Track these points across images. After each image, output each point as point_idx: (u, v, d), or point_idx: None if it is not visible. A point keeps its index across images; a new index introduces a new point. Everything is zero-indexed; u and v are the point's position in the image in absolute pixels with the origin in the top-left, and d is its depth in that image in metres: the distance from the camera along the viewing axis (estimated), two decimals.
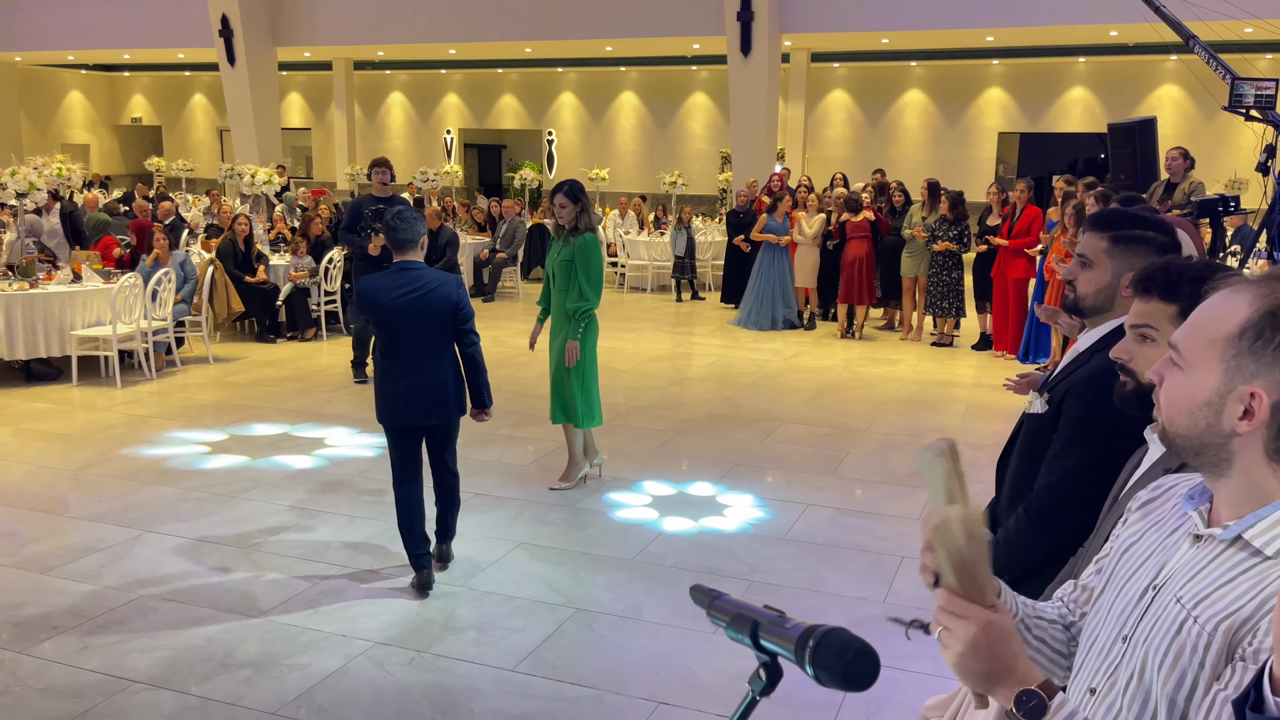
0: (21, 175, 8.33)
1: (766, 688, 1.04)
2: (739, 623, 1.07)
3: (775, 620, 1.04)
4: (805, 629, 1.00)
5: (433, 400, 4.25)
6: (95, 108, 27.56)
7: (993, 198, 9.98)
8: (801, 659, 0.97)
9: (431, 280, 4.24)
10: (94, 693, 3.49)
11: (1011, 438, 2.38)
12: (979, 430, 7.13)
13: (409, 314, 4.16)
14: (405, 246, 4.24)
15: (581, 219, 5.40)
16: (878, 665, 0.96)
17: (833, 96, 21.45)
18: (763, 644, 1.04)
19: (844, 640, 0.96)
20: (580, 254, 5.36)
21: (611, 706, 3.45)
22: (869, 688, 0.94)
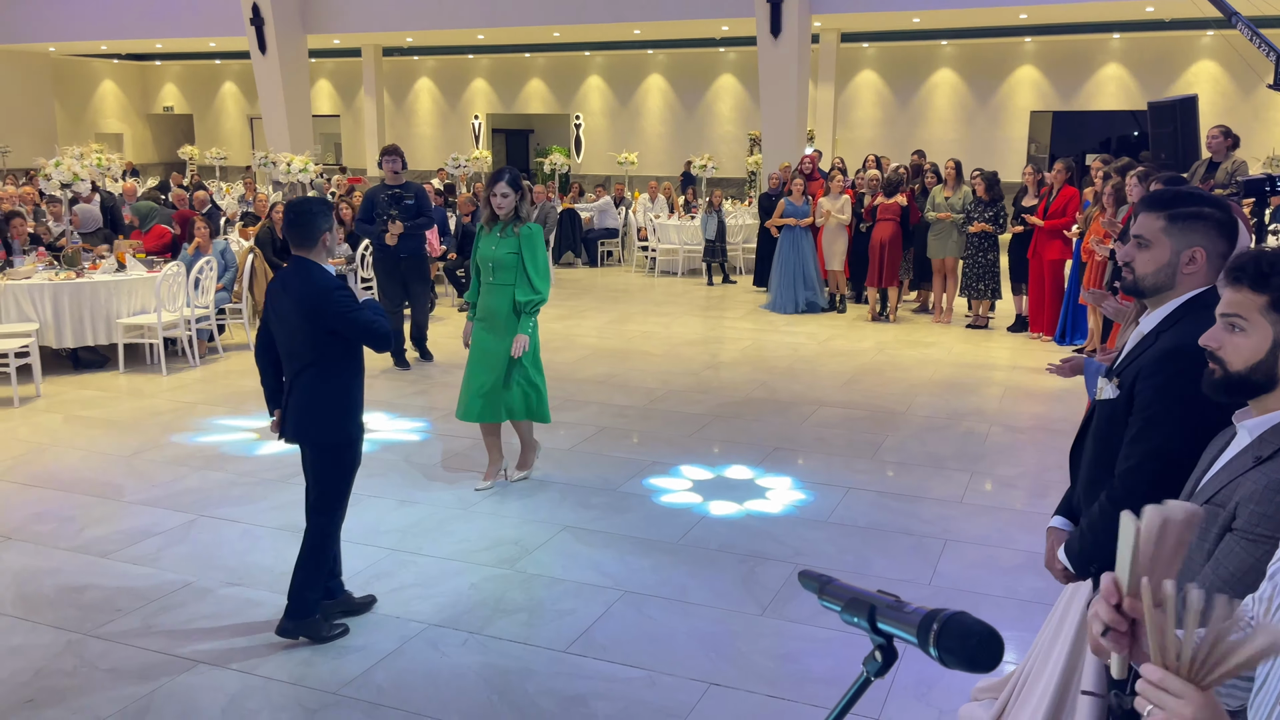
0: (65, 166, 8.46)
1: (882, 669, 1.08)
2: (855, 606, 1.11)
3: (893, 604, 1.08)
4: (927, 613, 1.03)
5: (297, 418, 3.78)
6: (128, 97, 27.84)
7: (1028, 178, 9.90)
8: (925, 642, 1.01)
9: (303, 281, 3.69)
10: (159, 673, 3.59)
11: (1083, 426, 2.39)
12: (1018, 412, 7.12)
13: (277, 317, 3.77)
14: (300, 243, 3.73)
15: (522, 208, 5.20)
16: (1002, 647, 0.99)
17: (862, 77, 21.29)
18: (880, 627, 1.08)
19: (969, 624, 1.00)
20: (527, 245, 5.16)
21: (664, 687, 3.51)
22: (994, 669, 0.98)
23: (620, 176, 19.22)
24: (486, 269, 5.22)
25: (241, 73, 26.82)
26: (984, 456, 6.13)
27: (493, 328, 5.24)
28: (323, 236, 3.73)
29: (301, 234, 3.71)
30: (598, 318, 10.78)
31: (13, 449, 6.15)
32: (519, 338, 5.20)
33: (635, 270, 14.72)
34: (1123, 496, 2.07)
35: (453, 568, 4.48)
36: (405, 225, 7.90)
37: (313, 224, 3.70)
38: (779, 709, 3.38)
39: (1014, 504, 5.35)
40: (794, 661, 3.68)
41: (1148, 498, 1.40)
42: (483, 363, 5.26)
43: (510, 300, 5.19)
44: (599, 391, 7.59)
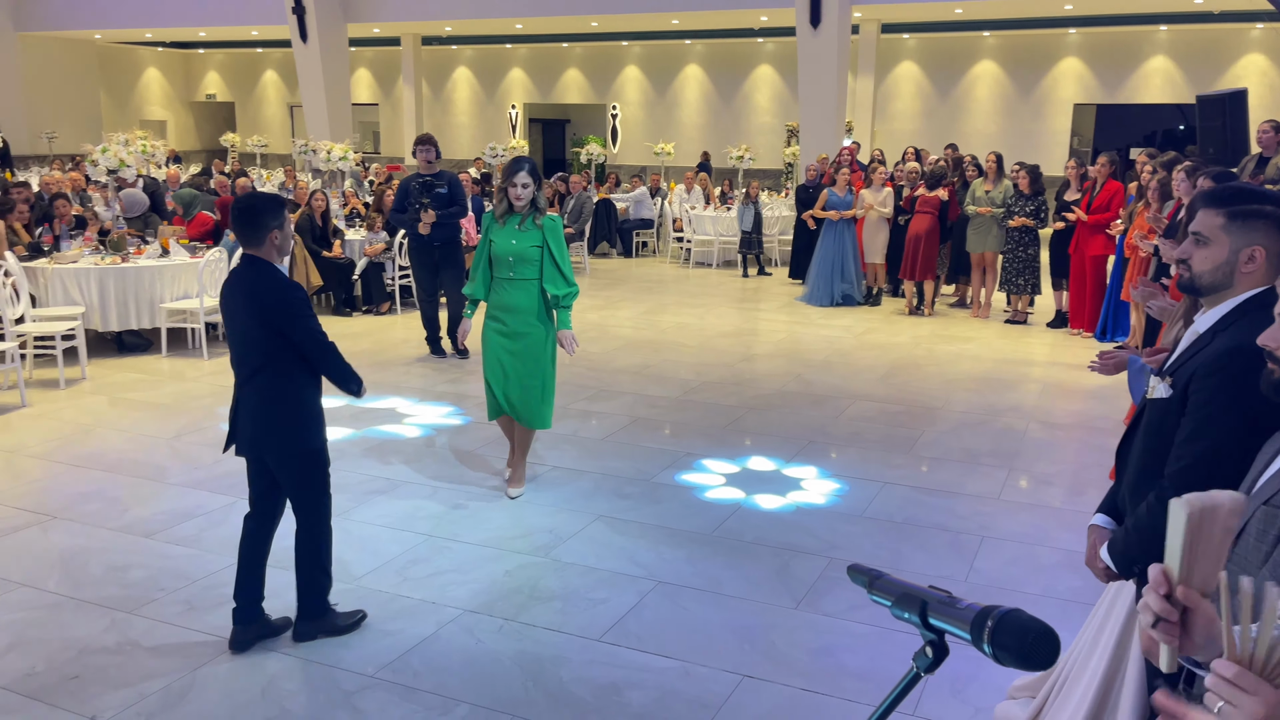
0: (112, 152, 8.59)
1: (932, 665, 1.08)
2: (906, 601, 1.10)
3: (945, 600, 1.07)
4: (981, 610, 1.03)
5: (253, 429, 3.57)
6: (171, 85, 28.22)
7: (1071, 172, 9.76)
8: (979, 639, 1.01)
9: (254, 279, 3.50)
10: (201, 652, 3.65)
11: (1131, 425, 2.35)
12: (1056, 409, 7.03)
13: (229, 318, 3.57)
14: (247, 240, 3.50)
15: (539, 198, 4.97)
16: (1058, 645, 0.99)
17: (902, 68, 21.08)
18: (932, 623, 1.07)
19: (1024, 621, 0.99)
20: (552, 237, 4.93)
21: (697, 678, 3.51)
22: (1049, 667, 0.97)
23: (656, 167, 19.21)
24: (505, 264, 4.93)
25: (283, 61, 27.08)
26: (1021, 453, 6.07)
27: (513, 325, 4.97)
28: (270, 234, 3.47)
29: (248, 231, 3.47)
30: (632, 308, 10.78)
31: (59, 430, 6.27)
32: (565, 334, 5.02)
33: (670, 261, 14.70)
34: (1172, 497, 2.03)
35: (487, 554, 4.51)
36: (438, 214, 7.93)
37: (259, 221, 3.45)
38: (813, 703, 3.38)
39: (1052, 501, 5.29)
40: (829, 655, 3.67)
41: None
42: (502, 361, 4.99)
43: (535, 295, 4.96)
44: (633, 382, 7.60)
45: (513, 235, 4.92)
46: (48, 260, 8.11)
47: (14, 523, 4.80)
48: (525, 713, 3.29)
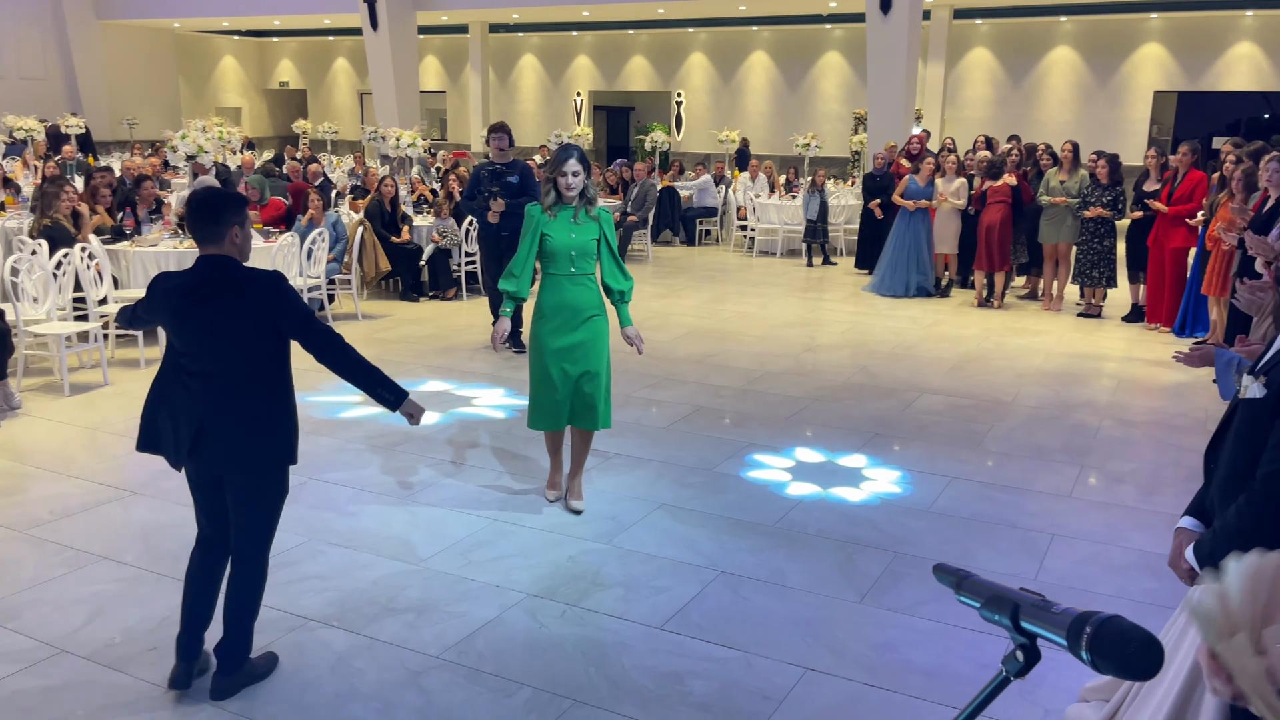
0: (191, 139, 8.81)
1: (1023, 669, 1.05)
2: (997, 604, 1.07)
3: (1040, 604, 1.04)
4: (1078, 615, 0.99)
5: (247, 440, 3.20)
6: (246, 72, 28.83)
7: (1151, 162, 9.47)
8: (1076, 646, 0.98)
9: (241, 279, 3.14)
10: (274, 628, 3.74)
11: (1222, 424, 2.27)
12: (1131, 406, 6.84)
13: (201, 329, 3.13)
14: (206, 239, 3.15)
15: (590, 188, 4.63)
16: (1161, 655, 0.95)
17: (974, 54, 20.64)
18: (1024, 626, 1.04)
19: (1125, 629, 0.95)
20: (609, 229, 4.66)
21: (759, 669, 3.50)
22: (1151, 677, 0.94)
23: (721, 154, 19.07)
24: (565, 259, 4.56)
25: (353, 49, 27.49)
26: (1094, 450, 5.92)
27: (573, 324, 4.61)
28: (231, 232, 3.14)
29: (207, 229, 3.13)
30: (694, 297, 10.75)
31: (139, 408, 6.44)
32: (632, 331, 4.75)
33: (733, 250, 14.62)
34: (1263, 501, 1.96)
35: (550, 539, 4.54)
36: (507, 203, 7.96)
37: (219, 217, 3.12)
38: (877, 698, 3.34)
39: (1126, 500, 5.15)
40: (893, 651, 3.62)
41: None
42: (565, 365, 4.62)
43: (594, 292, 4.66)
44: (695, 371, 7.58)
45: (570, 229, 4.57)
46: (129, 243, 8.35)
47: (97, 497, 4.96)
48: (587, 698, 3.31)
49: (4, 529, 4.56)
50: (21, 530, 4.55)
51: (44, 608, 3.86)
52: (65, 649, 3.57)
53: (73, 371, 7.21)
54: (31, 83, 22.16)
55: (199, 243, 3.17)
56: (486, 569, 4.24)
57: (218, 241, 3.15)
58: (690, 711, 3.26)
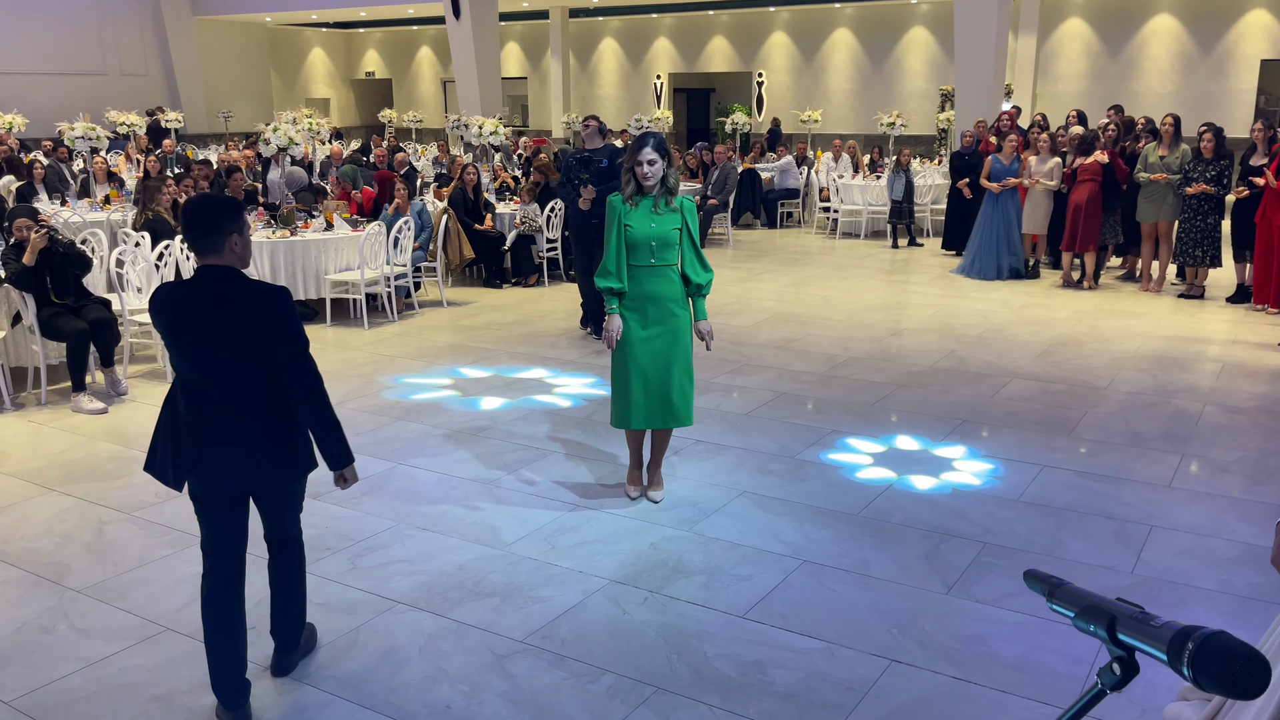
0: (282, 131, 9.06)
1: (1120, 682, 1.01)
2: (1092, 614, 1.04)
3: (1138, 616, 1.00)
4: (1180, 630, 0.96)
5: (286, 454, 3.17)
6: (334, 63, 29.51)
7: (1258, 135, 9.02)
8: (1178, 661, 0.94)
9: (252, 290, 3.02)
10: (364, 610, 3.84)
11: None
12: (1237, 391, 6.56)
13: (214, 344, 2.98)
14: (204, 248, 2.99)
15: (670, 176, 4.51)
16: (1269, 672, 0.91)
17: (1068, 26, 19.92)
18: (1122, 639, 1.01)
19: (1230, 646, 0.91)
20: (691, 219, 4.55)
21: (843, 660, 3.46)
22: (1259, 696, 0.90)
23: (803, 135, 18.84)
24: (646, 250, 4.48)
25: (436, 38, 27.88)
26: (1196, 437, 5.69)
27: (655, 317, 4.56)
28: (230, 240, 2.98)
29: (203, 237, 2.97)
30: (776, 280, 10.65)
31: None
32: (704, 325, 4.67)
33: (816, 232, 14.43)
34: None
35: (632, 526, 4.56)
36: (597, 189, 7.98)
37: (215, 224, 2.96)
38: (964, 692, 3.28)
39: (1230, 490, 4.94)
40: (981, 644, 3.55)
41: None
42: (648, 360, 4.57)
43: (676, 282, 4.57)
44: (777, 356, 7.51)
45: (650, 218, 4.49)
46: None
47: None
48: (670, 686, 3.32)
49: (113, 511, 4.78)
50: (129, 512, 4.77)
51: (150, 587, 4.03)
52: (169, 626, 3.73)
53: None
54: (132, 79, 23.05)
55: (197, 253, 3.01)
56: (569, 555, 4.28)
57: (217, 251, 2.98)
58: (773, 701, 3.24)
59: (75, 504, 4.87)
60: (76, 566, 4.22)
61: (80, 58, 22.14)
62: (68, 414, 6.25)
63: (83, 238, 8.19)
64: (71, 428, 6.01)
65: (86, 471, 5.30)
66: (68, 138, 12.56)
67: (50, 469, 5.33)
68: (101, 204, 10.88)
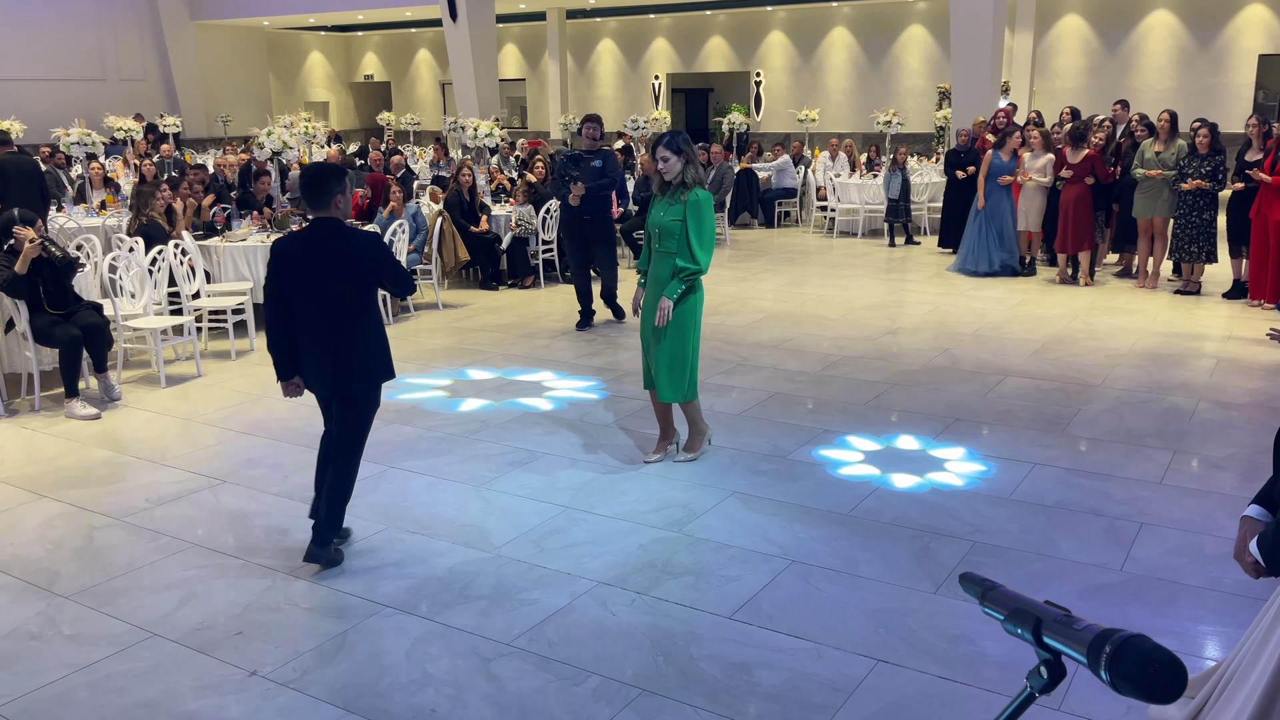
0: (276, 135, 9.06)
1: (1048, 685, 1.01)
2: (1020, 617, 1.03)
3: (1062, 619, 1.00)
4: (1100, 633, 0.95)
5: (365, 366, 4.11)
6: (333, 67, 29.54)
7: (1252, 130, 9.00)
8: (1095, 664, 0.93)
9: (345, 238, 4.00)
10: (353, 614, 3.84)
11: None
12: (1231, 387, 6.54)
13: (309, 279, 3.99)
14: (315, 204, 4.00)
15: (688, 173, 4.96)
16: (1184, 677, 0.90)
17: (1065, 22, 19.90)
18: (1047, 642, 1.00)
19: (1146, 650, 0.91)
20: (693, 212, 4.93)
21: (830, 660, 3.46)
22: (1174, 701, 0.89)
23: (800, 134, 18.84)
24: (655, 235, 5.09)
25: (434, 40, 27.91)
26: (1189, 434, 5.68)
27: (653, 295, 5.15)
28: (334, 198, 3.97)
29: (315, 196, 3.98)
30: (773, 280, 10.64)
31: (230, 398, 6.71)
32: (662, 301, 5.01)
33: (813, 231, 14.43)
34: None
35: (622, 527, 4.56)
36: (587, 186, 8.03)
37: (324, 185, 3.95)
38: (950, 691, 3.28)
39: (1222, 487, 4.93)
40: (968, 643, 3.54)
41: None
42: (644, 333, 5.25)
43: (672, 269, 5.04)
44: (772, 356, 7.51)
45: (662, 209, 5.05)
46: (220, 238, 8.64)
47: (189, 486, 5.17)
48: (655, 688, 3.32)
49: (104, 517, 4.79)
50: (119, 518, 4.77)
51: (138, 593, 4.04)
52: (157, 633, 3.73)
53: (168, 364, 7.51)
54: (131, 84, 23.08)
55: (310, 208, 4.00)
56: (558, 557, 4.28)
57: (325, 206, 3.98)
58: (758, 702, 3.24)
59: (66, 510, 4.88)
60: (66, 572, 4.22)
61: (79, 63, 22.17)
62: (61, 420, 6.26)
63: (77, 243, 8.20)
64: (64, 433, 6.02)
65: (78, 477, 5.31)
66: (63, 144, 12.59)
67: (42, 475, 5.34)
68: (97, 209, 10.90)
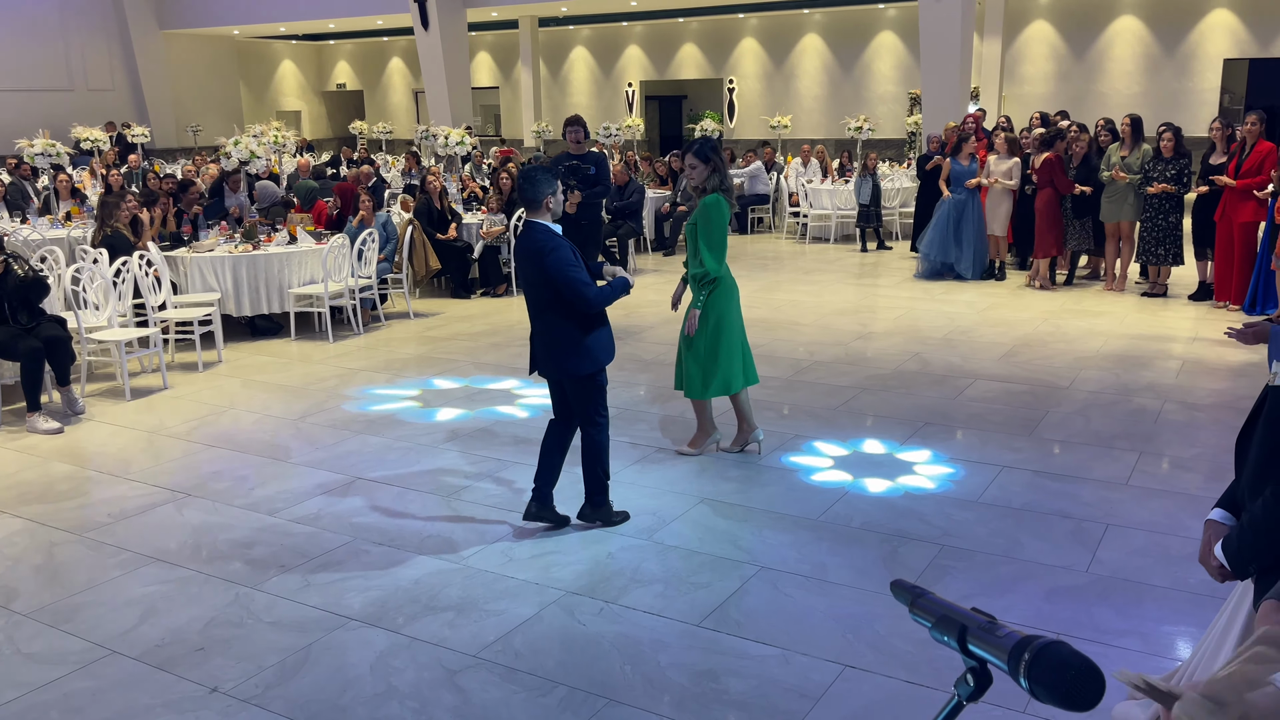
0: (243, 144, 8.98)
1: (974, 694, 1.00)
2: (945, 625, 1.02)
3: (986, 626, 0.99)
4: (1020, 639, 0.94)
5: (545, 355, 4.44)
6: (305, 76, 29.37)
7: (1216, 133, 9.11)
8: (1016, 671, 0.92)
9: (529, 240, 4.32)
10: (316, 627, 3.79)
11: (1253, 413, 2.17)
12: (1197, 388, 6.61)
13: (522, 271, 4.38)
14: (529, 206, 4.32)
15: (711, 180, 5.09)
16: (1102, 685, 0.89)
17: (1033, 29, 20.10)
18: (971, 649, 0.99)
19: (1064, 656, 0.90)
20: (701, 216, 5.07)
21: (797, 667, 3.45)
22: (1092, 709, 0.88)
23: (773, 140, 18.89)
24: (689, 238, 5.29)
25: (407, 49, 27.81)
26: (1156, 435, 5.73)
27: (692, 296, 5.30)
28: (545, 200, 4.27)
29: (527, 197, 4.27)
30: (746, 286, 10.59)
31: (196, 411, 6.63)
32: (691, 313, 5.19)
33: (786, 237, 14.47)
34: None
35: (592, 535, 4.54)
36: (583, 194, 8.09)
37: (536, 188, 4.24)
38: (917, 696, 3.27)
39: (1188, 488, 4.97)
40: (936, 648, 3.53)
41: None
42: (681, 332, 5.38)
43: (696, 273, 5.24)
44: None
45: (691, 214, 5.27)
46: (186, 249, 8.56)
47: (152, 500, 5.10)
48: (622, 697, 3.30)
49: (64, 532, 4.71)
50: (80, 533, 4.69)
51: (98, 609, 3.97)
52: (116, 650, 3.66)
53: (133, 376, 7.42)
54: (100, 94, 22.84)
55: (526, 209, 4.33)
56: (526, 566, 4.25)
57: (536, 207, 4.29)
58: (726, 710, 3.22)
59: (26, 526, 4.79)
60: (25, 589, 4.15)
61: (46, 74, 21.92)
62: (23, 434, 6.17)
63: (41, 255, 8.09)
64: (26, 448, 5.93)
65: (39, 492, 5.22)
66: (27, 154, 12.43)
67: (2, 490, 5.25)
68: (62, 220, 10.77)
